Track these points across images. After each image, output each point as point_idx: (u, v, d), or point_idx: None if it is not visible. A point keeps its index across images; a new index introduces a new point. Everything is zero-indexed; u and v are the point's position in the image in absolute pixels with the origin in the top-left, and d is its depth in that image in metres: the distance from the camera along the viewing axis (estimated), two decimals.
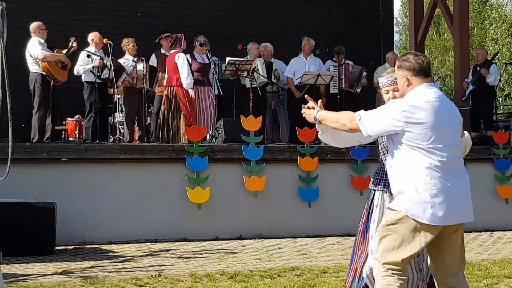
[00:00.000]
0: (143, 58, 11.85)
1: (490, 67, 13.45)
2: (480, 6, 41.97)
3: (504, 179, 11.88)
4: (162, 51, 12.41)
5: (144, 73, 11.56)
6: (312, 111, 4.86)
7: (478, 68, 13.57)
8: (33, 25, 10.96)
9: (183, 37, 11.61)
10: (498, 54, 14.25)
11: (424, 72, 4.64)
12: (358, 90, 13.17)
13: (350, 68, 13.11)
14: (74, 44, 11.12)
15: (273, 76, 12.54)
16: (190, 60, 11.60)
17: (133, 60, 11.76)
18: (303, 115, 4.95)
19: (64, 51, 11.01)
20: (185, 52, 11.62)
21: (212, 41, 12.42)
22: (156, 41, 12.53)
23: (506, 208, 11.88)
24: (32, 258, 8.27)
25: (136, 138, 11.90)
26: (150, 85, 11.77)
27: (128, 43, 11.98)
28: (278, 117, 13.16)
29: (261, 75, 12.18)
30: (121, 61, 11.70)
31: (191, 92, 11.18)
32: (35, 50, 10.71)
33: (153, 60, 12.34)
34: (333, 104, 12.87)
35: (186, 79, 11.17)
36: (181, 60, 11.27)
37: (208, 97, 11.79)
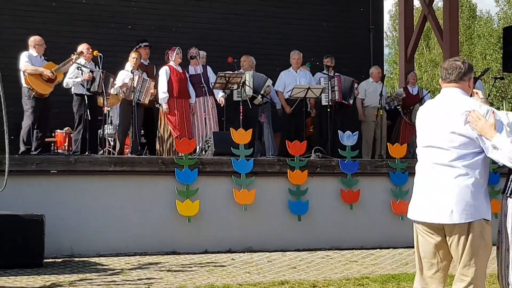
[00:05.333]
0: (141, 72, 11.86)
1: (476, 83, 13.51)
2: (469, 21, 42.22)
3: (493, 193, 11.88)
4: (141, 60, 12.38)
5: (135, 85, 11.55)
6: (488, 132, 4.59)
7: None
8: (30, 39, 11.09)
9: (175, 51, 11.77)
10: (488, 70, 14.29)
11: None
12: (351, 101, 13.26)
13: (342, 80, 13.13)
14: (74, 58, 11.14)
15: (263, 90, 12.52)
16: (181, 71, 11.72)
17: (131, 71, 11.75)
18: (471, 123, 4.64)
19: (60, 64, 10.99)
20: (182, 64, 11.94)
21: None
22: (134, 49, 12.46)
23: (495, 222, 11.85)
24: (21, 270, 8.22)
25: (128, 151, 11.87)
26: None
27: (130, 55, 12.01)
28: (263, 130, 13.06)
29: (249, 87, 12.19)
30: (122, 72, 11.78)
31: (164, 106, 11.63)
32: (20, 62, 10.77)
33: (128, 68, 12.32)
34: (323, 116, 12.90)
35: (160, 93, 11.78)
36: (160, 74, 11.85)
37: (199, 109, 11.84)
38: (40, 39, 11.05)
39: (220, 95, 12.14)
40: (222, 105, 12.14)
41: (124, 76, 11.70)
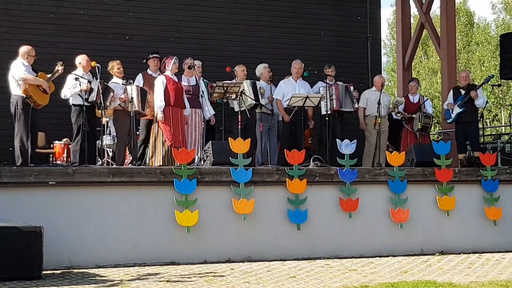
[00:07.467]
0: (132, 81, 11.86)
1: (478, 90, 13.50)
2: (466, 28, 42.26)
3: (492, 200, 11.89)
4: (149, 72, 12.45)
5: (134, 96, 11.54)
6: None
7: (462, 91, 13.58)
8: (22, 49, 10.88)
9: (172, 60, 11.69)
10: (492, 78, 14.31)
11: None
12: (356, 105, 13.29)
13: (339, 87, 13.15)
14: (60, 69, 11.05)
15: (260, 96, 12.54)
16: (177, 81, 11.70)
17: (122, 83, 11.74)
18: None
19: (49, 75, 10.94)
20: (176, 74, 11.77)
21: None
22: (144, 61, 12.57)
23: (494, 230, 11.88)
24: (19, 283, 8.20)
25: (128, 162, 11.85)
26: (142, 108, 11.77)
27: (112, 67, 11.96)
28: (268, 139, 13.07)
29: (249, 97, 12.20)
30: (110, 85, 11.68)
31: (159, 115, 11.41)
32: (17, 72, 10.67)
33: (139, 80, 12.33)
34: (322, 125, 12.91)
35: (156, 101, 11.57)
36: (156, 82, 11.66)
37: (194, 119, 11.83)
38: (33, 50, 10.94)
39: (210, 114, 12.12)
40: (212, 123, 12.21)
41: (118, 89, 11.65)
